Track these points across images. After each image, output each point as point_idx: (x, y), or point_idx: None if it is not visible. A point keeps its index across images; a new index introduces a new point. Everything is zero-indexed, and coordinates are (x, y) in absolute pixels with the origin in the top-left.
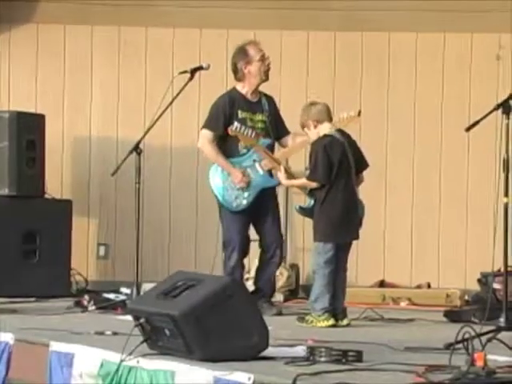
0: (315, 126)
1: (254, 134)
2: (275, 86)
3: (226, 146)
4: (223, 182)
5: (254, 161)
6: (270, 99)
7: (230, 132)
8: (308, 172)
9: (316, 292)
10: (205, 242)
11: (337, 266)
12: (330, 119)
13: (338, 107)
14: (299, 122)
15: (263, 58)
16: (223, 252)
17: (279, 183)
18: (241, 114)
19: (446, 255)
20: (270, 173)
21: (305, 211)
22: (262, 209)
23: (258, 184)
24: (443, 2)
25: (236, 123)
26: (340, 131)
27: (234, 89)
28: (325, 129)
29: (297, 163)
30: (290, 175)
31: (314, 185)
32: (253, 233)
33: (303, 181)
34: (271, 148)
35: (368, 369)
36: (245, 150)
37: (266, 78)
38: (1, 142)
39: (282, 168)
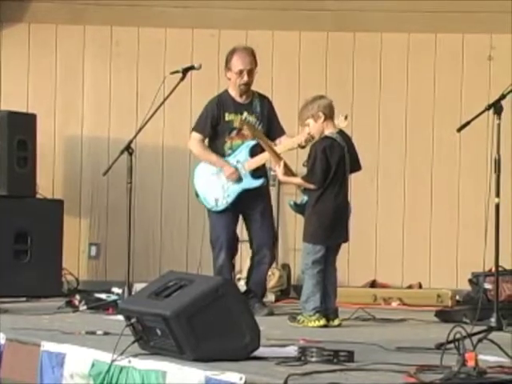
0: (324, 120)
1: (260, 127)
2: (267, 86)
3: (212, 147)
4: (205, 181)
5: (238, 162)
6: (263, 100)
7: (238, 122)
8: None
9: (306, 292)
10: (196, 242)
11: (326, 266)
12: (333, 117)
13: None
14: (301, 113)
15: (239, 73)
16: (212, 252)
17: (263, 184)
18: (228, 117)
19: (438, 255)
20: (252, 174)
21: (298, 207)
22: (250, 209)
23: (238, 185)
24: (435, 2)
25: (245, 114)
26: (341, 133)
27: (226, 90)
28: (329, 128)
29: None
30: (289, 172)
31: (309, 186)
32: (245, 233)
33: (299, 180)
34: (257, 148)
35: (359, 369)
36: (230, 151)
37: (242, 92)
38: None
39: (281, 164)
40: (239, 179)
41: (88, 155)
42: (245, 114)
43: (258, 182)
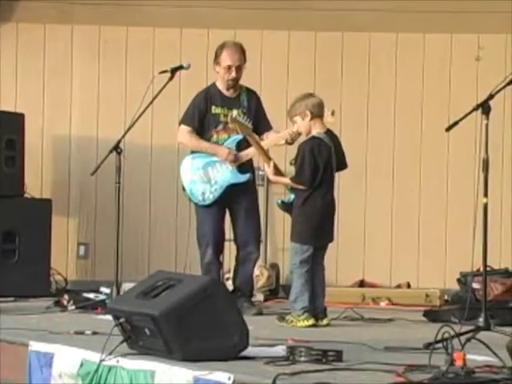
0: (311, 118)
1: (250, 124)
2: (256, 85)
3: None
4: (192, 175)
5: None
6: (251, 94)
7: (229, 119)
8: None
9: (295, 292)
10: (185, 241)
11: (314, 265)
12: (322, 116)
13: None
14: (290, 110)
15: (228, 69)
16: (199, 249)
17: (249, 179)
18: (214, 110)
19: (426, 255)
20: (239, 169)
21: (285, 206)
22: (235, 205)
23: (225, 179)
24: (423, 2)
25: (235, 112)
26: (329, 132)
27: (214, 84)
28: (317, 127)
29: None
30: (278, 171)
31: (298, 186)
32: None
33: (288, 181)
34: (244, 143)
35: (348, 368)
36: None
37: (229, 87)
38: None
39: (271, 163)
40: (236, 159)
41: (76, 155)
42: (235, 111)
43: (244, 177)
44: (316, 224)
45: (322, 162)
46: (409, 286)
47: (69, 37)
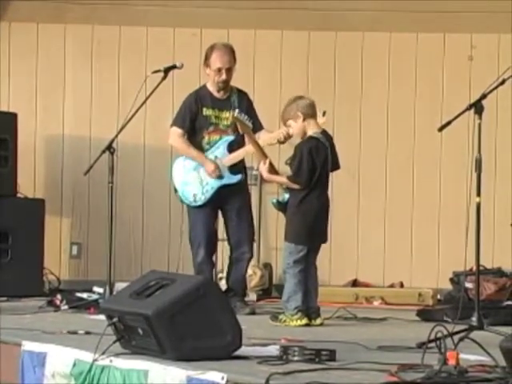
0: (304, 120)
1: (250, 123)
2: (249, 85)
3: (190, 142)
4: (184, 176)
5: (216, 157)
6: (242, 96)
7: (231, 116)
8: (291, 169)
9: (288, 291)
10: (177, 241)
11: (307, 265)
12: (316, 116)
13: None
14: (282, 115)
15: (218, 71)
16: (191, 250)
17: (241, 180)
18: (205, 112)
19: (419, 254)
20: (230, 170)
21: (280, 205)
22: (227, 206)
23: (217, 181)
24: (416, 2)
25: (237, 110)
26: (325, 133)
27: (204, 86)
28: (312, 127)
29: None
30: (273, 170)
31: (294, 186)
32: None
33: (284, 180)
34: (235, 144)
35: (341, 368)
36: (207, 146)
37: (220, 89)
38: None
39: (267, 162)
40: (220, 176)
41: (69, 154)
42: (237, 110)
43: (236, 178)
44: (311, 224)
45: (319, 162)
46: (402, 285)
47: (62, 36)
